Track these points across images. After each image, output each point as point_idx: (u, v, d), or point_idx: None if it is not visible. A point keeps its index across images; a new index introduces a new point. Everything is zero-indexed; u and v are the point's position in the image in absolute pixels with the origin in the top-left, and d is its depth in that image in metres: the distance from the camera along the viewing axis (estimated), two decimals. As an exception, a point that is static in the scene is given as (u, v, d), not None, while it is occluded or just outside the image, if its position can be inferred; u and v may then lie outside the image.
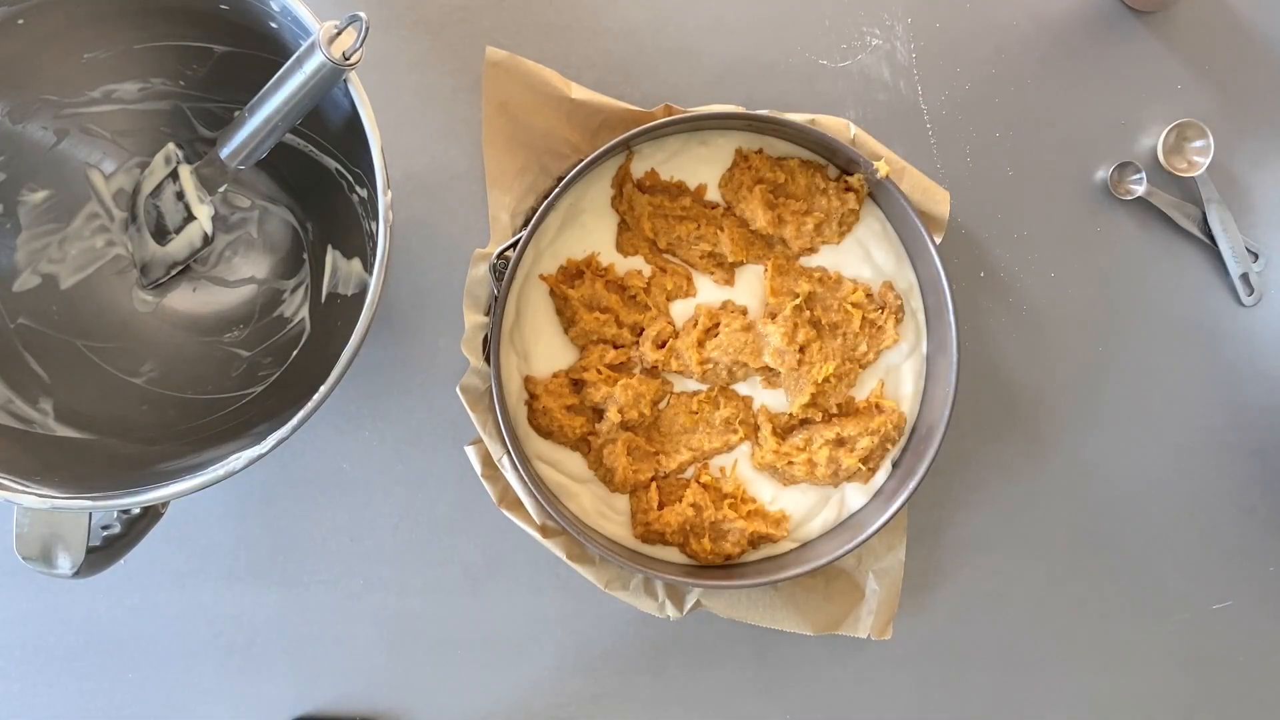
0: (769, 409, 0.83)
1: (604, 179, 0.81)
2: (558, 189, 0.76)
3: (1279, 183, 0.89)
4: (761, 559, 0.82)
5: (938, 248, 0.78)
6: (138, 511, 0.68)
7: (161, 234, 0.77)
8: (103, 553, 0.66)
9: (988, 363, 0.87)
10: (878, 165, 0.78)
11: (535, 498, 0.77)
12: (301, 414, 0.60)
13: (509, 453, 0.76)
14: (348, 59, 0.59)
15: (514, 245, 0.75)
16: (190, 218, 0.75)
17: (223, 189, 0.75)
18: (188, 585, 0.82)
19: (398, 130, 0.82)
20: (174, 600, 0.82)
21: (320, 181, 0.78)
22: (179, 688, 0.83)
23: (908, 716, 0.87)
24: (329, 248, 0.79)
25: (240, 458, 0.61)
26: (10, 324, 0.72)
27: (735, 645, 0.85)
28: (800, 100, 0.85)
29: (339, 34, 0.59)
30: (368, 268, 0.75)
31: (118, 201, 0.78)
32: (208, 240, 0.76)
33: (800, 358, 0.80)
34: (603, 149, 0.76)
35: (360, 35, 0.59)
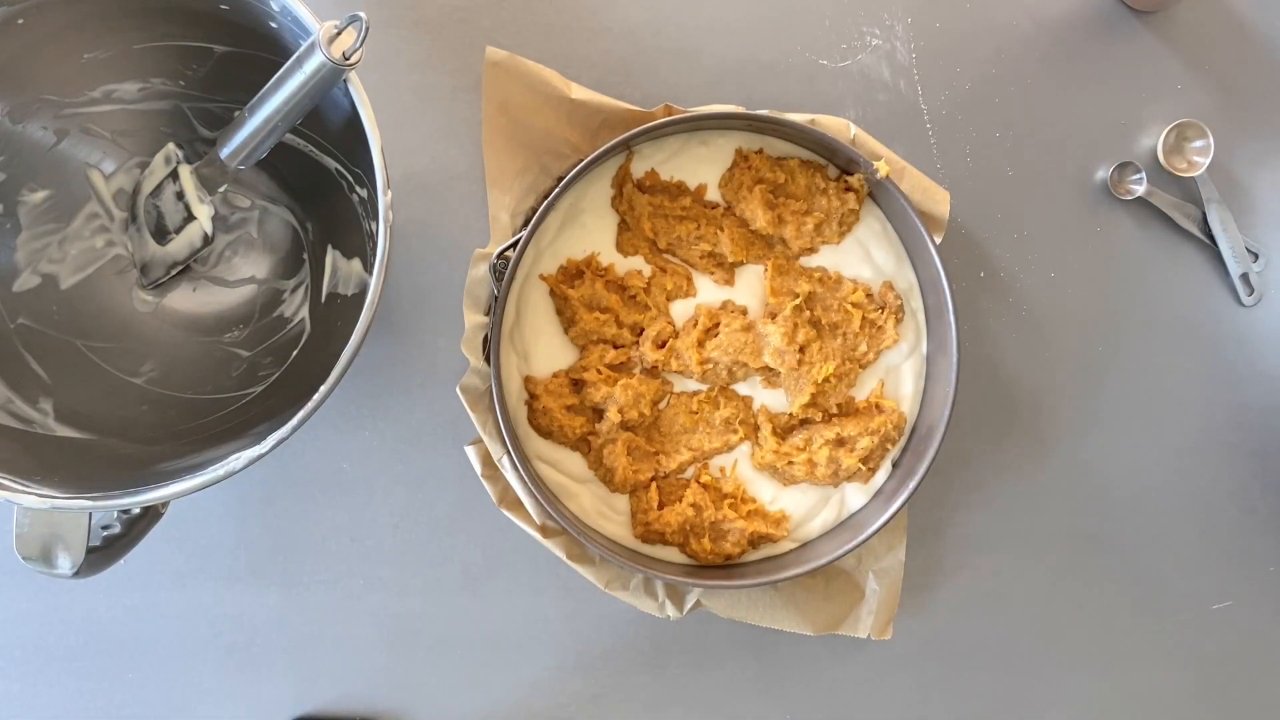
0: (769, 409, 0.83)
1: (604, 179, 0.81)
2: (558, 189, 0.76)
3: (1279, 183, 0.89)
4: (761, 559, 0.82)
5: (938, 248, 0.78)
6: (138, 511, 0.68)
7: (161, 234, 0.77)
8: (103, 553, 0.66)
9: (988, 363, 0.87)
10: (878, 165, 0.78)
11: (535, 498, 0.77)
12: (301, 414, 0.60)
13: (509, 453, 0.76)
14: (348, 59, 0.59)
15: (514, 245, 0.75)
16: (190, 218, 0.75)
17: (223, 189, 0.75)
18: (188, 585, 0.82)
19: (398, 130, 0.82)
20: (174, 600, 0.82)
21: (320, 181, 0.78)
22: (179, 688, 0.83)
23: (908, 716, 0.87)
24: (329, 248, 0.79)
25: (240, 458, 0.61)
26: (10, 324, 0.72)
27: (735, 645, 0.85)
28: (800, 100, 0.85)
29: (339, 34, 0.59)
30: (368, 268, 0.75)
31: (118, 201, 0.78)
32: (208, 240, 0.76)
33: (800, 358, 0.80)
34: (603, 149, 0.76)
35: (360, 35, 0.59)
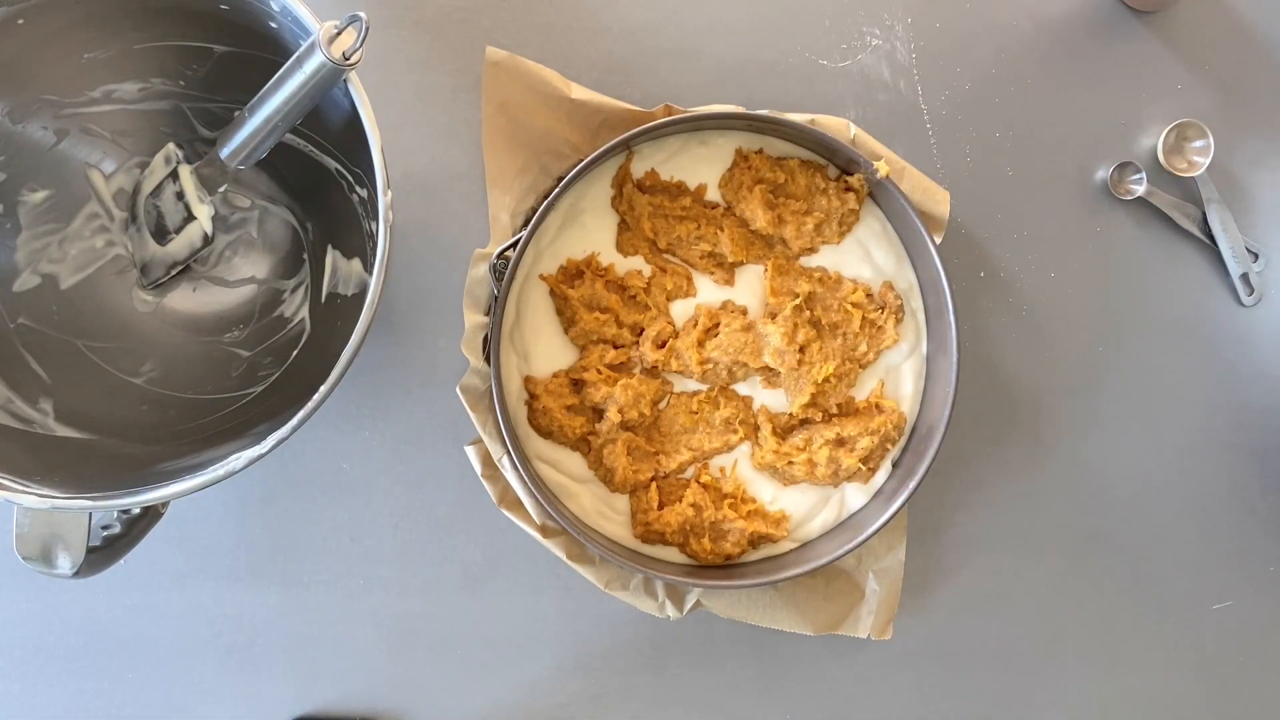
0: (769, 409, 0.83)
1: (604, 179, 0.81)
2: (558, 189, 0.76)
3: (1279, 183, 0.89)
4: (761, 559, 0.82)
5: (938, 248, 0.78)
6: (138, 511, 0.68)
7: (161, 234, 0.77)
8: (103, 553, 0.66)
9: (988, 363, 0.87)
10: (878, 165, 0.78)
11: (535, 498, 0.77)
12: (301, 414, 0.60)
13: (509, 453, 0.76)
14: (348, 59, 0.59)
15: (514, 245, 0.75)
16: (190, 218, 0.75)
17: (223, 189, 0.76)
18: (188, 585, 0.82)
19: (398, 130, 0.82)
20: (174, 600, 0.82)
21: (320, 181, 0.78)
22: (179, 688, 0.83)
23: (908, 716, 0.87)
24: (329, 248, 0.79)
25: (240, 458, 0.61)
26: (10, 324, 0.72)
27: (735, 645, 0.85)
28: (800, 100, 0.85)
29: (339, 34, 0.59)
30: (368, 268, 0.75)
31: (118, 201, 0.78)
32: (208, 240, 0.76)
33: (800, 358, 0.80)
34: (603, 149, 0.76)
35: (360, 35, 0.59)
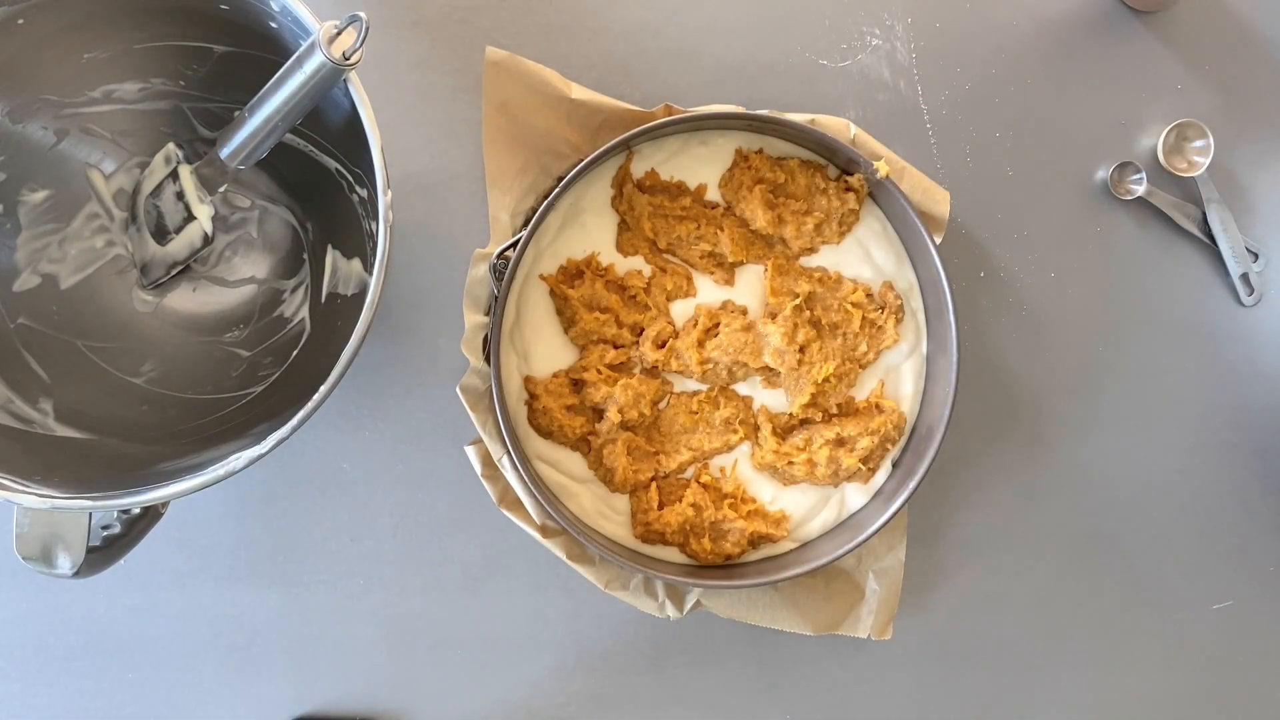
0: (769, 409, 0.83)
1: (604, 179, 0.81)
2: (558, 189, 0.76)
3: (1279, 183, 0.89)
4: (761, 559, 0.82)
5: (938, 248, 0.78)
6: (138, 511, 0.68)
7: (161, 234, 0.77)
8: (103, 553, 0.66)
9: (988, 363, 0.87)
10: (878, 165, 0.78)
11: (535, 498, 0.76)
12: (301, 414, 0.60)
13: (509, 453, 0.76)
14: (348, 59, 0.59)
15: (514, 245, 0.75)
16: (190, 218, 0.75)
17: (223, 189, 0.75)
18: (188, 585, 0.82)
19: (398, 130, 0.82)
20: (174, 600, 0.82)
21: (320, 181, 0.78)
22: (179, 688, 0.83)
23: (908, 716, 0.87)
24: (329, 248, 0.79)
25: (240, 458, 0.61)
26: (10, 324, 0.72)
27: (735, 645, 0.85)
28: (800, 100, 0.85)
29: (339, 34, 0.59)
30: (368, 268, 0.75)
31: (118, 201, 0.78)
32: (208, 240, 0.76)
33: (800, 358, 0.80)
34: (603, 149, 0.76)
35: (360, 35, 0.59)
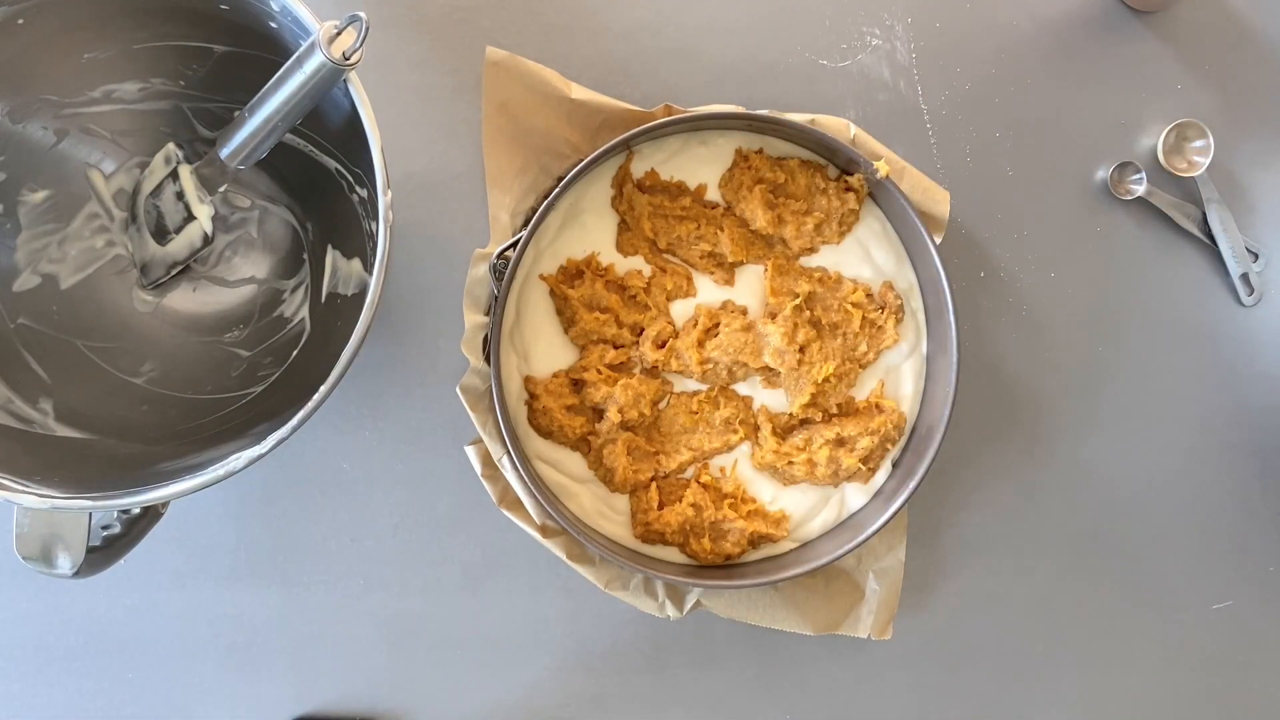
0: (769, 409, 0.83)
1: (604, 179, 0.81)
2: (558, 189, 0.76)
3: (1279, 183, 0.89)
4: (761, 559, 0.82)
5: (938, 248, 0.78)
6: (138, 511, 0.68)
7: (161, 234, 0.77)
8: (103, 553, 0.66)
9: (988, 363, 0.87)
10: (878, 165, 0.78)
11: (535, 498, 0.77)
12: (301, 414, 0.60)
13: (509, 453, 0.76)
14: (348, 59, 0.59)
15: (514, 245, 0.75)
16: (190, 218, 0.75)
17: (223, 189, 0.75)
18: (188, 585, 0.82)
19: (398, 130, 0.82)
20: (174, 600, 0.82)
21: (320, 181, 0.78)
22: (179, 688, 0.83)
23: (908, 716, 0.87)
24: (329, 248, 0.79)
25: (240, 458, 0.61)
26: (10, 324, 0.72)
27: (735, 645, 0.85)
28: (800, 100, 0.85)
29: (339, 34, 0.59)
30: (368, 268, 0.75)
31: (118, 201, 0.78)
32: (208, 240, 0.76)
33: (800, 358, 0.80)
34: (603, 149, 0.76)
35: (360, 35, 0.59)
